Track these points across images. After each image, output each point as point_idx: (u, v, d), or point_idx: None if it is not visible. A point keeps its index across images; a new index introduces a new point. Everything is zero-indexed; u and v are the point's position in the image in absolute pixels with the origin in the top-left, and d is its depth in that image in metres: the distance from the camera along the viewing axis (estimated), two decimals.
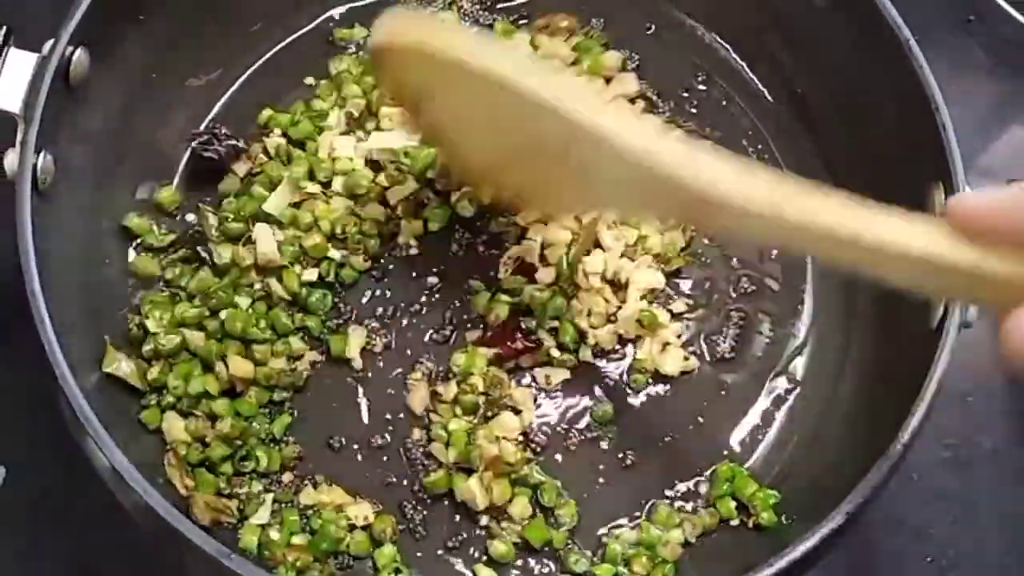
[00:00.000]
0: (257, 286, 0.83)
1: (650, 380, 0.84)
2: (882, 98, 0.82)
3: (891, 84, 0.80)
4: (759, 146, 0.92)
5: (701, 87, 0.93)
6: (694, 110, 0.92)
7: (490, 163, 0.76)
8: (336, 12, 0.94)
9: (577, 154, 0.66)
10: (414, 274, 0.85)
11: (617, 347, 0.84)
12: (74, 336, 0.74)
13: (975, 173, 0.96)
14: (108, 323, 0.81)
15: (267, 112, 0.89)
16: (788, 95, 0.92)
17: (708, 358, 0.85)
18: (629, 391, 0.83)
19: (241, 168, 0.87)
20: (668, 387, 0.84)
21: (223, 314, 0.82)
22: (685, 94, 0.93)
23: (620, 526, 0.80)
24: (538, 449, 0.81)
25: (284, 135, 0.88)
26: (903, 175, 0.80)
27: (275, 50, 0.92)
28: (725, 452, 0.83)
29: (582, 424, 0.83)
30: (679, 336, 0.85)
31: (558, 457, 0.82)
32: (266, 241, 0.83)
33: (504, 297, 0.83)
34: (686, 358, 0.84)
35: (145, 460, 0.76)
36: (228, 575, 0.64)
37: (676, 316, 0.86)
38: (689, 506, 0.81)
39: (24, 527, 0.85)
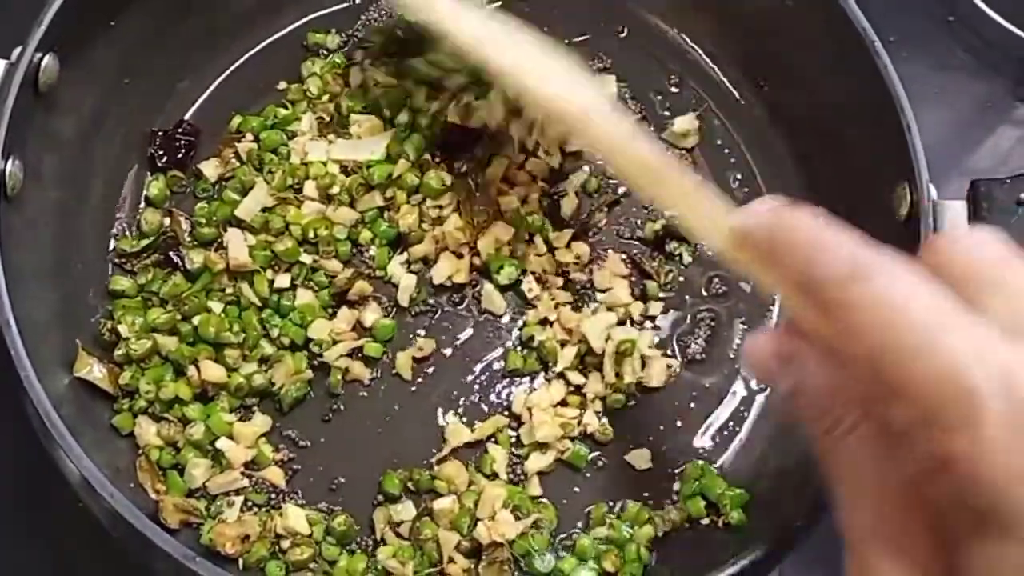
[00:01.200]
0: (229, 291, 0.83)
1: (633, 395, 0.84)
2: (851, 99, 0.82)
3: (859, 85, 0.80)
4: (731, 148, 0.92)
5: (673, 89, 0.93)
6: (667, 112, 0.93)
7: None
8: (310, 17, 0.94)
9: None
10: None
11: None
12: (44, 341, 0.75)
13: (957, 174, 0.96)
14: (79, 328, 0.81)
15: (237, 118, 0.89)
16: (759, 97, 0.92)
17: (680, 359, 0.85)
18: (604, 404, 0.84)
19: (211, 170, 0.88)
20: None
21: (195, 319, 0.82)
22: (658, 97, 0.93)
23: (591, 525, 0.80)
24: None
25: (256, 139, 0.88)
26: (873, 175, 0.80)
27: (249, 54, 0.92)
28: (695, 451, 0.83)
29: None
30: (651, 344, 0.85)
31: None
32: (237, 246, 0.83)
33: None
34: (668, 366, 0.84)
35: (116, 464, 0.77)
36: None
37: (650, 319, 0.86)
38: (659, 504, 0.81)
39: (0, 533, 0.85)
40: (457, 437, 0.82)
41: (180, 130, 0.89)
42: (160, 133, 0.88)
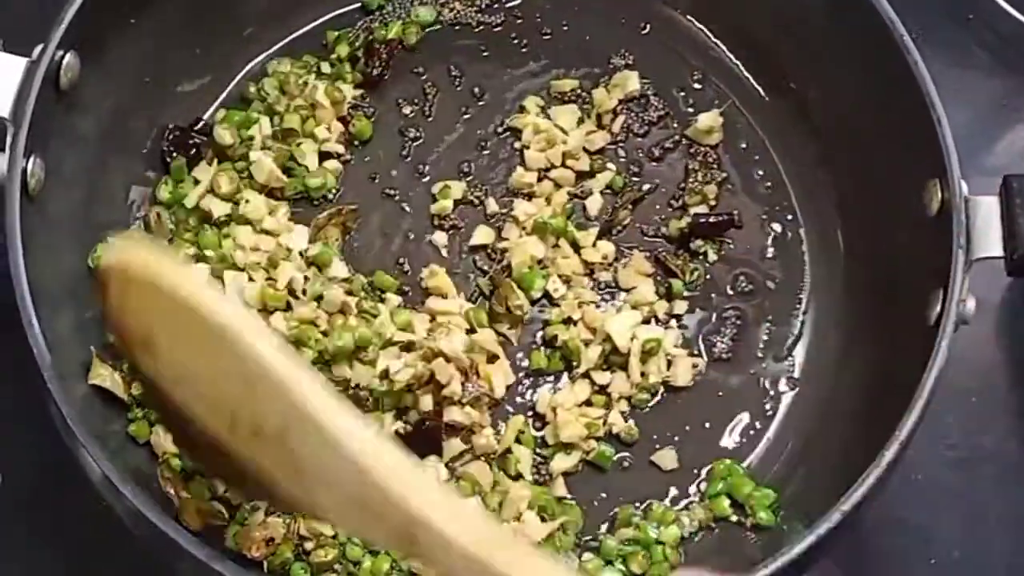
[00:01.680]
0: None
1: (662, 392, 0.83)
2: (878, 94, 0.81)
3: (887, 80, 0.79)
4: (755, 145, 0.91)
5: (696, 86, 0.92)
6: (690, 109, 0.92)
7: (204, 433, 0.63)
8: (328, 16, 0.93)
9: (295, 440, 0.57)
10: None
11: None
12: (64, 345, 0.74)
13: (975, 172, 0.94)
14: (97, 333, 0.80)
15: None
16: (784, 94, 0.91)
17: (706, 358, 0.84)
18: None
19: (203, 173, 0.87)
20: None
21: None
22: (681, 93, 0.92)
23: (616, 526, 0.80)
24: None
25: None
26: (902, 172, 0.79)
27: (268, 53, 0.92)
28: (722, 451, 0.82)
29: None
30: (677, 343, 0.84)
31: None
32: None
33: None
34: (695, 365, 0.83)
35: (137, 467, 0.77)
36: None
37: (676, 318, 0.85)
38: (685, 504, 0.81)
39: (21, 533, 0.85)
40: None
41: (195, 128, 0.88)
42: (174, 131, 0.87)
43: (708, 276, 0.87)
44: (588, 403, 0.82)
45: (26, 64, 0.74)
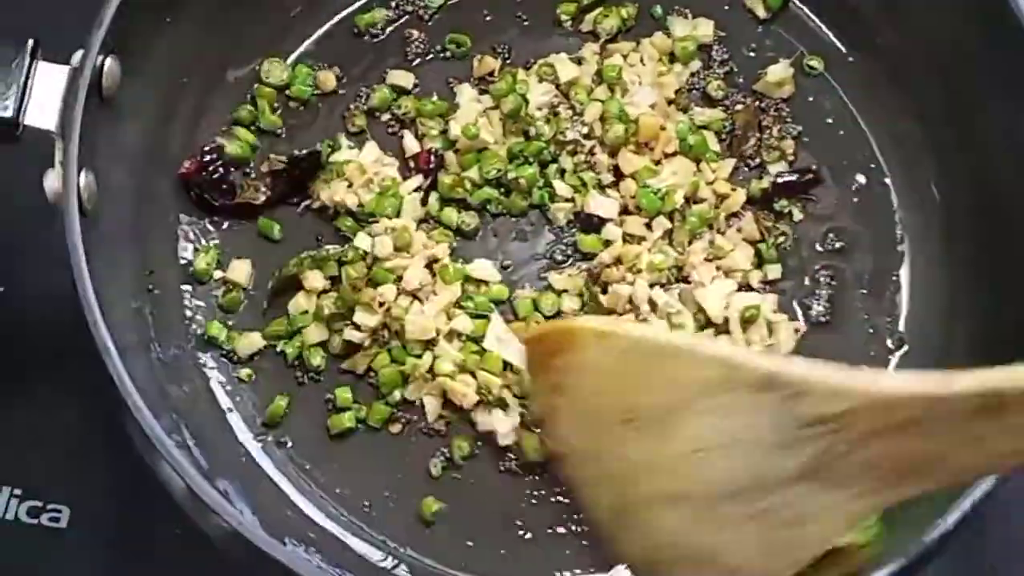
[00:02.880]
0: None
1: None
2: (970, 33, 0.78)
3: (979, 18, 0.76)
4: (830, 96, 0.87)
5: (768, 41, 0.88)
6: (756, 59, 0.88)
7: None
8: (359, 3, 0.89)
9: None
10: None
11: None
12: (133, 363, 0.70)
13: None
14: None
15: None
16: (863, 43, 0.87)
17: (804, 321, 0.81)
18: None
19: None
20: None
21: None
22: (751, 54, 0.88)
23: None
24: None
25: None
26: (999, 112, 0.77)
27: (304, 46, 0.88)
28: None
29: None
30: (775, 308, 0.81)
31: None
32: None
33: None
34: (796, 330, 0.81)
35: None
36: None
37: (769, 283, 0.82)
38: None
39: (100, 568, 0.83)
40: None
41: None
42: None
43: (796, 236, 0.83)
44: None
45: (68, 72, 0.70)
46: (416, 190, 0.83)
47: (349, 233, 0.82)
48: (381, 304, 0.78)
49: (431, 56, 0.88)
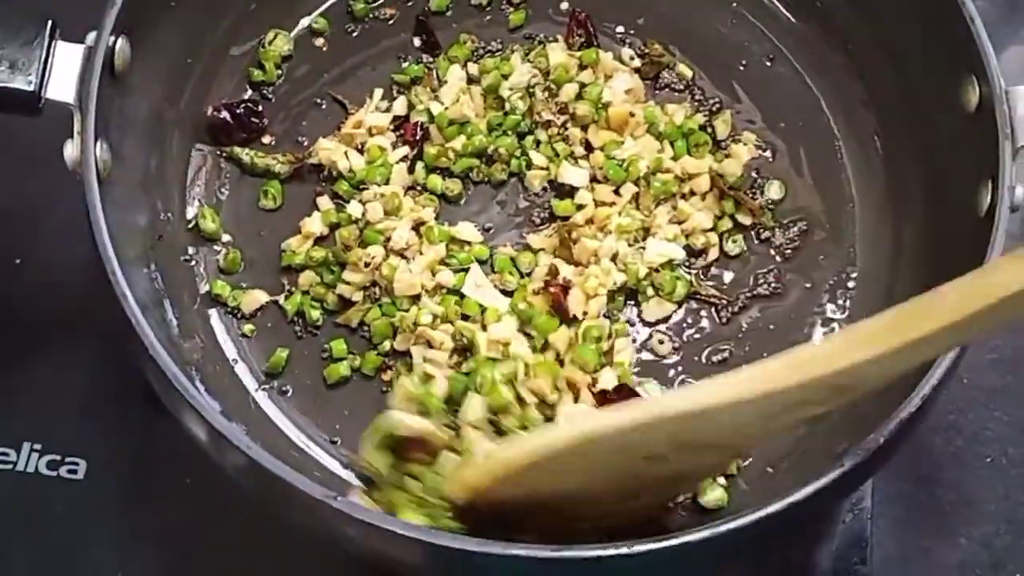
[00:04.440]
0: None
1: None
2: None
3: None
4: (780, 65, 0.94)
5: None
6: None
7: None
8: None
9: (684, 439, 0.67)
10: None
11: None
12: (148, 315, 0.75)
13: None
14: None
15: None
16: (811, 13, 0.93)
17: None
18: None
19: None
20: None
21: None
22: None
23: None
24: None
25: None
26: (937, 73, 0.82)
27: (309, 19, 0.94)
28: None
29: None
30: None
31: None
32: None
33: None
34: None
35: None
36: (337, 521, 0.65)
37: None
38: None
39: (115, 515, 0.86)
40: None
41: (240, 108, 0.90)
42: (222, 109, 0.90)
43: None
44: None
45: (84, 51, 0.76)
46: (403, 159, 0.89)
47: (344, 196, 0.88)
48: (367, 264, 0.84)
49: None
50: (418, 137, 0.90)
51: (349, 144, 0.89)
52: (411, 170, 0.89)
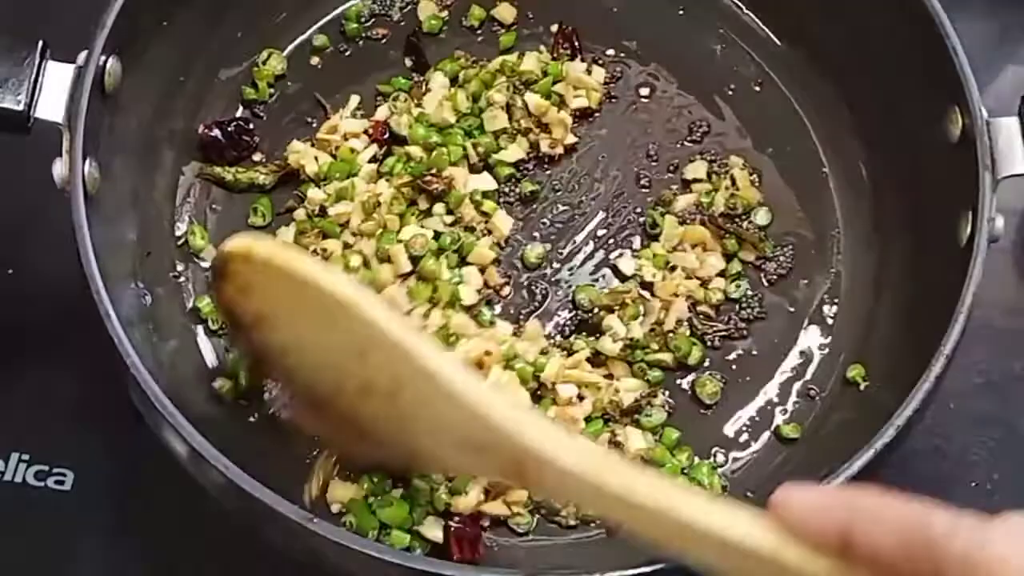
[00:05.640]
0: None
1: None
2: (892, 29, 0.84)
3: (900, 14, 0.82)
4: (769, 90, 0.94)
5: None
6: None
7: (315, 394, 0.71)
8: (351, 3, 0.96)
9: (409, 394, 0.64)
10: None
11: None
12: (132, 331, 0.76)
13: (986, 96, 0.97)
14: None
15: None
16: (799, 39, 0.94)
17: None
18: None
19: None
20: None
21: None
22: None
23: None
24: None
25: None
26: (921, 102, 0.82)
27: (300, 40, 0.95)
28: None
29: None
30: None
31: None
32: None
33: None
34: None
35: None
36: (314, 541, 0.66)
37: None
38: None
39: (103, 526, 0.86)
40: None
41: (232, 126, 0.91)
42: (213, 127, 0.90)
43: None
44: None
45: (74, 70, 0.76)
46: (372, 160, 0.90)
47: (307, 197, 0.89)
48: (317, 253, 0.85)
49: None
50: (386, 136, 0.90)
51: (324, 149, 0.90)
52: (379, 171, 0.89)
